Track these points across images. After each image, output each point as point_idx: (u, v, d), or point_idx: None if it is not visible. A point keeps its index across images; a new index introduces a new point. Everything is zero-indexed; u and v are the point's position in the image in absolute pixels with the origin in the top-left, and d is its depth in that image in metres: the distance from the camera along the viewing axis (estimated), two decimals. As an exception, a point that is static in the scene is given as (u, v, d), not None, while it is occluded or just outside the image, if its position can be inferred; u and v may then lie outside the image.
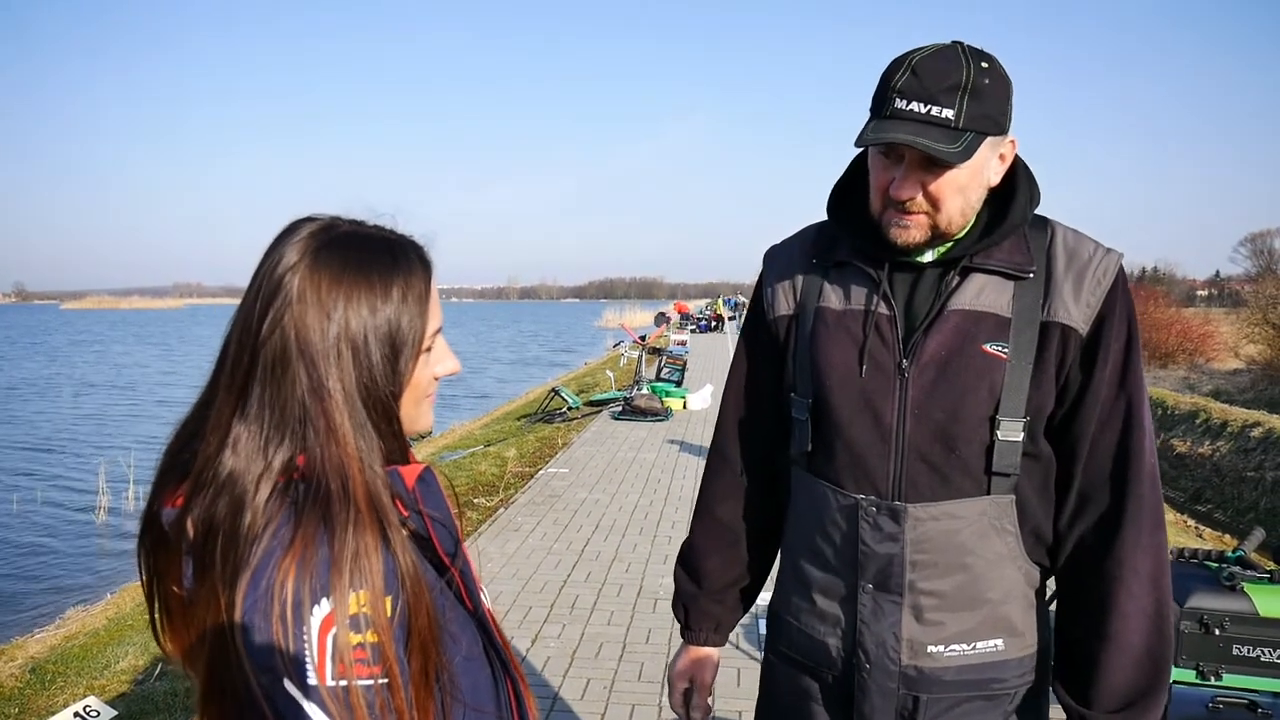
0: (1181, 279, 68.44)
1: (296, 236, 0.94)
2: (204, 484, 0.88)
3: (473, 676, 0.98)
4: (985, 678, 1.35)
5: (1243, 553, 2.54)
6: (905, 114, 1.23)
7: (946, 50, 1.25)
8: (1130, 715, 1.31)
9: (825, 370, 1.38)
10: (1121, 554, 1.30)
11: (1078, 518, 1.34)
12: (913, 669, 1.34)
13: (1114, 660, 1.31)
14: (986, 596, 1.34)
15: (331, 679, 0.82)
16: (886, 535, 1.32)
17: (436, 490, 0.98)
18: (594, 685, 3.91)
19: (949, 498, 1.31)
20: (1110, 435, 1.32)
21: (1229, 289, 57.88)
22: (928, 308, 1.34)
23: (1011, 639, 1.36)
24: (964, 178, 1.27)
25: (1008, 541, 1.33)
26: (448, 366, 1.03)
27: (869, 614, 1.36)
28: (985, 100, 1.24)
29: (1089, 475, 1.33)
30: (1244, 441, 10.77)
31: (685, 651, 1.66)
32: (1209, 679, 2.34)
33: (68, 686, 4.30)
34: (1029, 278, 1.32)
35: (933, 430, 1.31)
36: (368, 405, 0.92)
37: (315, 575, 0.83)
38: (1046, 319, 1.31)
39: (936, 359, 1.31)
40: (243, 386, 0.90)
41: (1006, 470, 1.30)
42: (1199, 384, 17.73)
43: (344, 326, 0.90)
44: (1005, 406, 1.29)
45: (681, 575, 1.67)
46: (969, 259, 1.33)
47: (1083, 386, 1.31)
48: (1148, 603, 1.30)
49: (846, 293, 1.40)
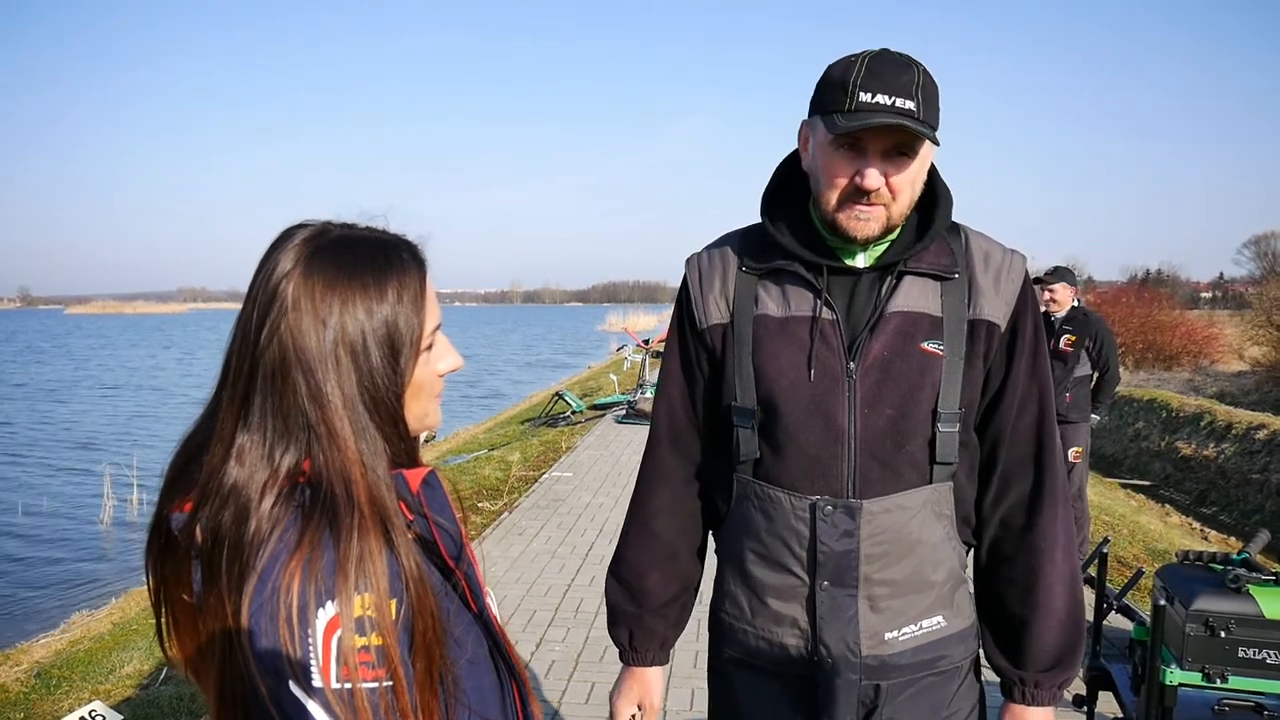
0: (1185, 281, 68.24)
1: (290, 244, 0.94)
2: (210, 494, 0.89)
3: (477, 680, 0.98)
4: (935, 655, 1.44)
5: (1248, 555, 2.53)
6: (874, 106, 1.27)
7: (888, 53, 1.32)
8: (1060, 670, 1.44)
9: (773, 377, 1.41)
10: (1043, 529, 1.43)
11: (1001, 498, 1.46)
12: (873, 658, 1.40)
13: (1043, 624, 1.43)
14: (931, 579, 1.42)
15: (336, 681, 0.83)
16: (843, 532, 1.37)
17: (441, 493, 0.98)
18: (598, 689, 3.91)
19: (899, 490, 1.39)
20: (1027, 419, 1.44)
21: (1233, 291, 57.78)
22: (869, 311, 1.40)
23: (950, 614, 1.45)
24: (916, 171, 1.35)
25: (945, 526, 1.43)
26: (450, 363, 1.04)
27: (827, 610, 1.40)
28: (931, 101, 1.31)
29: (1010, 458, 1.45)
30: (1249, 444, 10.74)
31: (628, 675, 1.62)
32: (1215, 682, 2.33)
33: (73, 691, 4.30)
34: (954, 279, 1.41)
35: (884, 428, 1.38)
36: (370, 408, 0.92)
37: (320, 578, 0.84)
38: (973, 317, 1.40)
39: (880, 359, 1.38)
40: (244, 396, 0.91)
41: (948, 459, 1.40)
42: (1203, 386, 17.68)
43: (340, 331, 0.91)
44: (944, 400, 1.38)
45: (621, 595, 1.61)
46: (904, 263, 1.40)
47: (1004, 377, 1.43)
48: (1066, 570, 1.43)
49: (786, 299, 1.43)
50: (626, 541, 1.62)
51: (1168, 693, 2.36)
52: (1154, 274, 62.33)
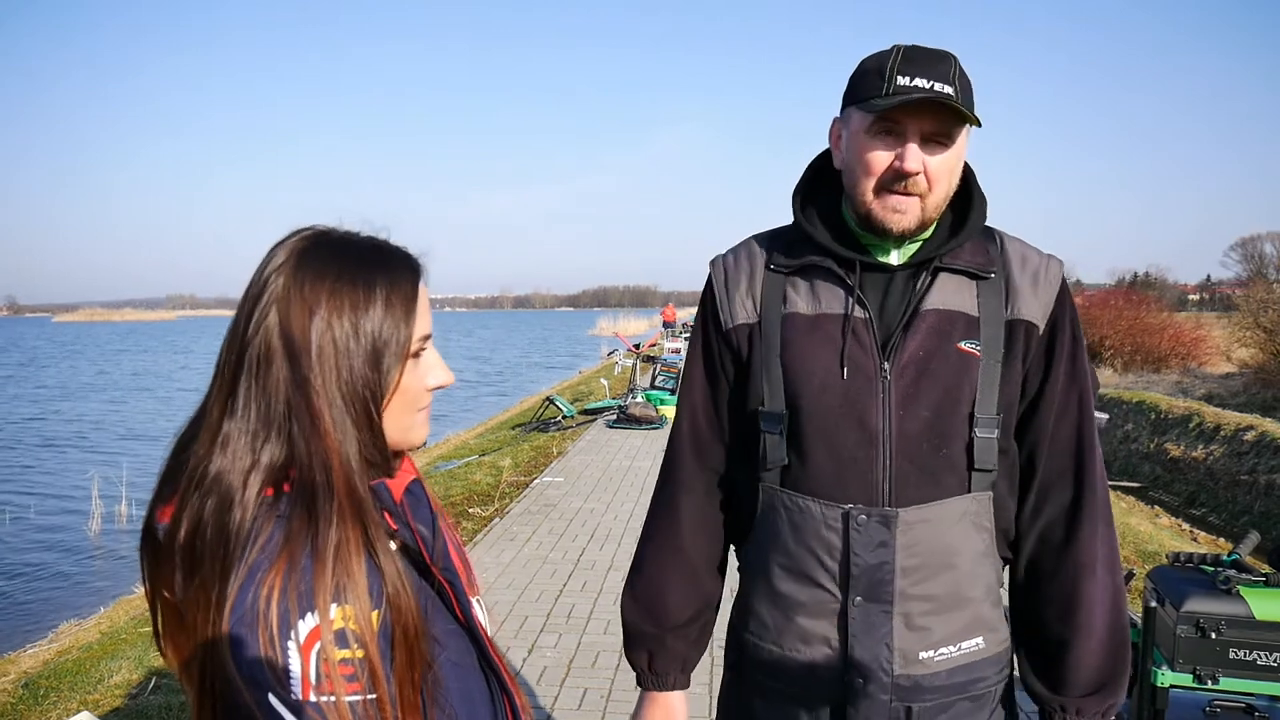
0: (1173, 284, 68.67)
1: (287, 242, 0.96)
2: (194, 484, 0.88)
3: (464, 688, 0.97)
4: (971, 678, 1.36)
5: (1238, 556, 2.54)
6: (913, 89, 1.24)
7: (922, 46, 1.30)
8: (1104, 696, 1.35)
9: (804, 377, 1.34)
10: (1084, 544, 1.35)
11: (1040, 510, 1.39)
12: (905, 678, 1.33)
13: (1084, 646, 1.35)
14: (969, 595, 1.35)
15: (316, 694, 0.82)
16: (878, 543, 1.30)
17: (425, 502, 0.98)
18: (591, 695, 3.89)
19: (936, 498, 1.31)
20: (1067, 427, 1.37)
21: (1220, 293, 58.17)
22: (903, 309, 1.35)
23: (989, 635, 1.38)
24: (953, 160, 1.31)
25: (984, 538, 1.36)
26: (439, 378, 1.02)
27: (859, 627, 1.32)
28: (967, 90, 1.29)
29: (1049, 468, 1.38)
30: (1237, 445, 10.80)
31: (648, 701, 1.52)
32: (1206, 683, 2.34)
33: (61, 701, 4.26)
34: (991, 278, 1.37)
35: (920, 430, 1.31)
36: (348, 404, 0.92)
37: (300, 588, 0.83)
38: (1011, 317, 1.35)
39: (916, 359, 1.32)
40: (231, 385, 0.91)
41: (987, 466, 1.33)
42: (1192, 388, 17.78)
43: (325, 324, 0.91)
44: (981, 403, 1.32)
45: (638, 614, 1.51)
46: (940, 259, 1.36)
47: (1042, 381, 1.37)
48: (1109, 588, 1.35)
49: (816, 297, 1.38)
50: (644, 557, 1.53)
51: (1159, 694, 2.37)
52: (1142, 277, 62.67)
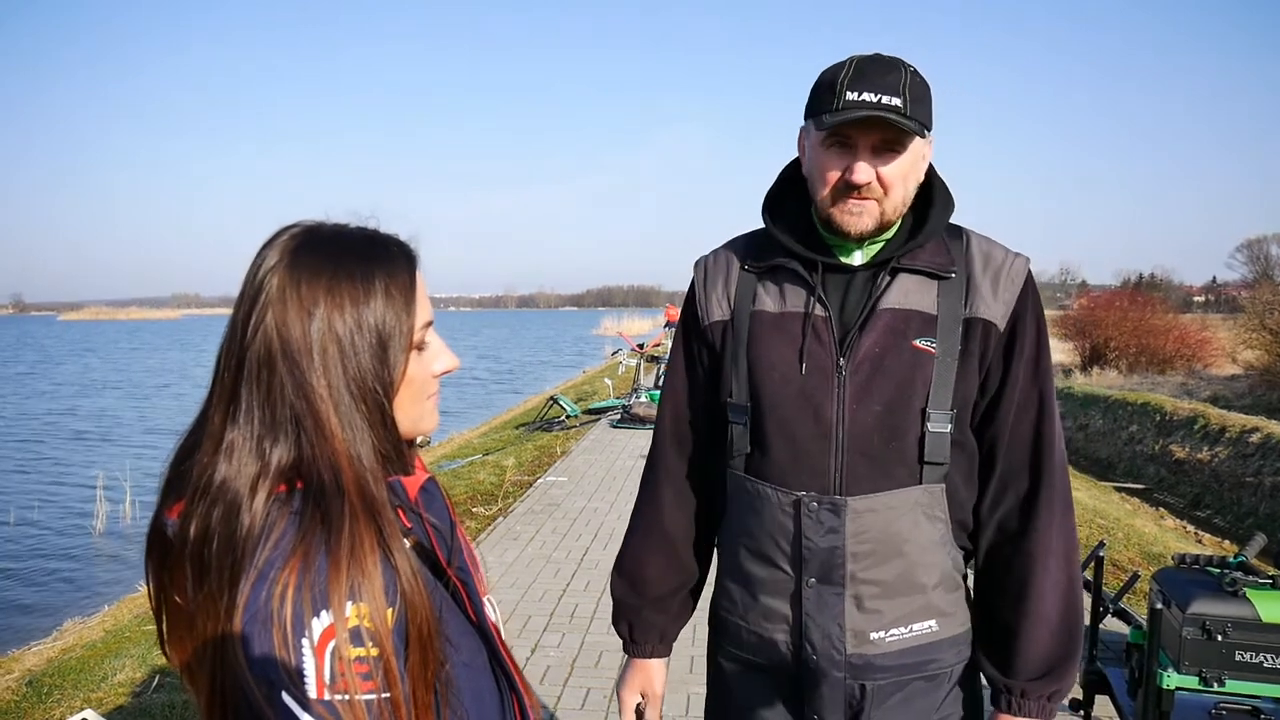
0: (1178, 285, 68.62)
1: (277, 240, 0.94)
2: (200, 491, 0.88)
3: (476, 688, 0.97)
4: (924, 659, 1.43)
5: (1244, 558, 2.53)
6: (859, 104, 1.31)
7: (878, 56, 1.36)
8: (1050, 681, 1.42)
9: (766, 371, 1.44)
10: (1038, 535, 1.41)
11: (998, 502, 1.45)
12: (857, 657, 1.41)
13: (1034, 632, 1.41)
14: (921, 581, 1.41)
15: (330, 693, 0.82)
16: (828, 529, 1.38)
17: (440, 500, 0.98)
18: (594, 694, 3.89)
19: (887, 489, 1.38)
20: (1026, 423, 1.42)
21: (1226, 295, 58.02)
22: (861, 307, 1.42)
23: (943, 619, 1.44)
24: (906, 166, 1.36)
25: (938, 528, 1.42)
26: (445, 363, 1.02)
27: (813, 607, 1.41)
28: (920, 99, 1.34)
29: (1008, 461, 1.43)
30: (1242, 447, 10.78)
31: (631, 666, 1.66)
32: (1212, 685, 2.33)
33: (65, 700, 4.27)
34: (951, 278, 1.42)
35: (871, 424, 1.38)
36: (357, 401, 0.91)
37: (315, 585, 0.82)
38: (969, 315, 1.40)
39: (871, 355, 1.39)
40: (232, 391, 0.90)
41: (938, 459, 1.39)
42: (1197, 390, 17.74)
43: (326, 323, 0.90)
44: (935, 399, 1.38)
45: (623, 588, 1.66)
46: (897, 260, 1.41)
47: (1002, 378, 1.42)
48: (1062, 578, 1.41)
49: (782, 295, 1.46)
50: (630, 536, 1.67)
51: (1165, 696, 2.36)
52: (1147, 278, 62.59)
